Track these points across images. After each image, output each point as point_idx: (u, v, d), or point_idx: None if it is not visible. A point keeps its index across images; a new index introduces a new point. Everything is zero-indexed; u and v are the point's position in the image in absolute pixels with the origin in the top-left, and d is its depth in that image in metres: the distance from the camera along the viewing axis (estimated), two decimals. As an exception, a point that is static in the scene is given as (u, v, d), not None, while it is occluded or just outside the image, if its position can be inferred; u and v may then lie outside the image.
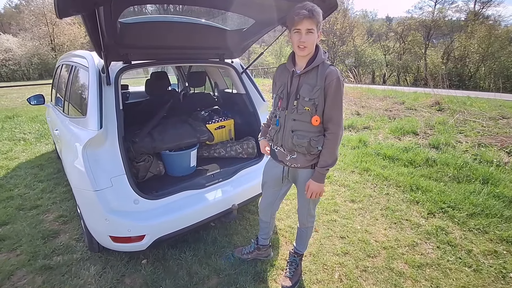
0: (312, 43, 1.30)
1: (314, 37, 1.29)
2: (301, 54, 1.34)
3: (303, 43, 1.29)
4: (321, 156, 1.42)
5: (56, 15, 1.09)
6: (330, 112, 1.36)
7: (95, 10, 1.24)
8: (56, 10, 1.07)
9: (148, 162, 1.97)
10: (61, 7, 1.06)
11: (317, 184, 1.45)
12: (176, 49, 2.09)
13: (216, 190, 2.04)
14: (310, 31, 1.28)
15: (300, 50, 1.31)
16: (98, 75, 1.77)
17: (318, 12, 1.27)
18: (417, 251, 2.10)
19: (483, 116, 4.87)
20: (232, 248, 2.14)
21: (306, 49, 1.31)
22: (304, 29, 1.27)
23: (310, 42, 1.29)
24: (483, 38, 19.46)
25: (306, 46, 1.29)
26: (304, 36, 1.28)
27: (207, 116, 2.74)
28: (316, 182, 1.44)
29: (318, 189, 1.46)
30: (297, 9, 1.26)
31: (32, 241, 2.25)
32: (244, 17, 2.00)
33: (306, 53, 1.33)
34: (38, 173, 3.59)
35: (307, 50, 1.32)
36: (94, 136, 1.60)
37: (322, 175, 1.44)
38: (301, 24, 1.26)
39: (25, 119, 6.33)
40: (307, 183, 1.48)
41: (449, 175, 3.15)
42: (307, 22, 1.25)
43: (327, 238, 2.27)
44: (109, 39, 1.59)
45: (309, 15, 1.24)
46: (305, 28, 1.27)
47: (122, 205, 1.69)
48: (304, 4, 1.26)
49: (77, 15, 1.20)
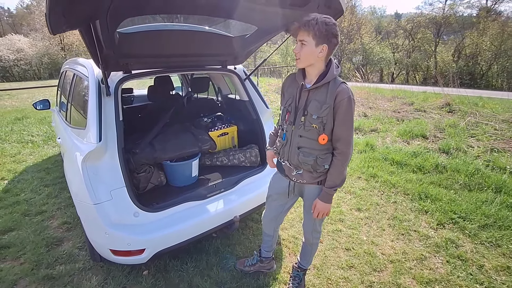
0: (306, 55, 1.24)
1: (308, 49, 1.23)
2: (297, 66, 1.31)
3: (296, 53, 1.25)
4: (328, 176, 1.37)
5: (49, 32, 1.06)
6: (339, 132, 1.30)
7: (90, 24, 1.20)
8: (48, 26, 1.04)
9: (149, 172, 1.95)
10: (53, 24, 1.03)
11: (324, 204, 1.40)
12: (178, 57, 2.06)
13: (218, 201, 2.00)
14: (303, 43, 1.22)
15: (296, 60, 1.27)
16: (97, 86, 1.75)
17: (318, 24, 1.17)
18: (425, 266, 2.02)
19: (496, 118, 4.70)
20: (234, 259, 2.11)
21: (299, 61, 1.27)
22: (298, 39, 1.23)
23: (303, 53, 1.24)
24: (495, 36, 18.75)
25: (299, 57, 1.25)
26: (297, 47, 1.24)
27: (210, 123, 2.70)
28: (323, 202, 1.39)
29: (325, 209, 1.41)
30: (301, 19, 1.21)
31: (36, 249, 2.26)
32: (246, 24, 1.95)
33: (301, 65, 1.29)
34: (44, 177, 3.62)
35: (301, 62, 1.27)
36: (93, 150, 1.58)
37: (329, 195, 1.38)
38: (297, 34, 1.23)
39: (33, 121, 6.43)
40: (313, 202, 1.44)
41: (460, 183, 3.04)
42: (301, 32, 1.21)
43: (332, 249, 2.21)
44: (108, 50, 1.56)
45: (301, 25, 1.19)
46: (299, 38, 1.23)
47: (122, 218, 1.67)
48: (309, 15, 1.20)
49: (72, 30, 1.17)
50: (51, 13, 0.98)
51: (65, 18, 1.04)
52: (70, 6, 0.98)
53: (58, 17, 1.02)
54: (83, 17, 1.08)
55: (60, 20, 1.03)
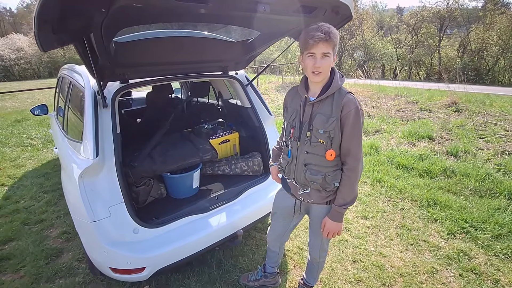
0: (327, 68, 1.16)
1: (330, 61, 1.15)
2: (315, 80, 1.20)
3: (317, 68, 1.14)
4: (338, 193, 1.29)
5: (40, 50, 0.98)
6: (348, 146, 1.22)
7: (83, 38, 1.12)
8: (38, 44, 0.95)
9: (149, 185, 1.87)
10: (43, 41, 0.94)
11: (334, 223, 1.32)
12: (177, 64, 1.97)
13: (221, 213, 1.93)
14: (326, 55, 1.13)
15: (314, 75, 1.17)
16: (94, 97, 1.67)
17: (335, 34, 1.11)
18: (437, 280, 1.94)
19: (505, 118, 4.58)
20: (237, 272, 2.04)
21: (321, 75, 1.16)
22: (319, 53, 1.12)
23: (325, 67, 1.14)
24: (503, 30, 18.12)
25: (321, 71, 1.15)
26: (319, 61, 1.13)
27: (210, 130, 2.61)
28: (334, 221, 1.32)
29: (336, 229, 1.33)
30: (311, 31, 1.10)
31: (36, 261, 2.21)
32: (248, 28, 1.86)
33: (321, 78, 1.18)
34: (43, 183, 3.57)
35: (322, 76, 1.17)
36: (90, 165, 1.51)
37: (340, 214, 1.31)
38: (316, 47, 1.11)
39: (33, 123, 6.38)
40: (323, 221, 1.36)
41: (470, 188, 2.95)
42: (323, 45, 1.10)
43: (339, 262, 2.13)
44: (103, 60, 1.48)
45: (325, 38, 1.08)
46: (321, 52, 1.12)
47: (121, 236, 1.61)
48: (319, 25, 1.11)
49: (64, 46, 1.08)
50: (40, 31, 0.90)
51: (55, 35, 0.95)
52: (60, 23, 0.90)
53: (48, 34, 0.94)
54: (75, 32, 1.00)
55: (50, 37, 0.95)
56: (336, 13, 1.45)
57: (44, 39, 0.93)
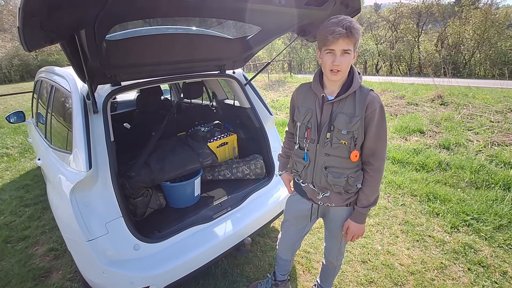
0: (347, 65, 1.07)
1: (350, 59, 1.06)
2: (333, 79, 1.11)
3: (336, 66, 1.05)
4: (361, 194, 1.22)
5: (24, 49, 0.83)
6: (374, 146, 1.15)
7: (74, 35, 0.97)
8: (22, 42, 0.81)
9: (147, 196, 1.73)
10: (28, 39, 0.80)
11: (358, 226, 1.26)
12: (172, 64, 1.83)
13: (226, 221, 1.81)
14: (347, 52, 1.04)
15: (332, 74, 1.08)
16: (83, 102, 1.50)
17: (357, 29, 1.02)
18: (447, 275, 1.93)
19: (489, 110, 4.73)
20: (245, 282, 1.94)
21: (340, 73, 1.08)
22: (339, 50, 1.03)
23: (345, 64, 1.06)
24: (478, 24, 18.79)
25: (340, 69, 1.06)
26: (338, 58, 1.04)
27: (207, 132, 2.48)
28: (357, 223, 1.25)
29: (359, 231, 1.27)
30: (331, 25, 1.01)
31: (22, 283, 2.02)
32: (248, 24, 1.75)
33: (340, 77, 1.10)
34: (23, 195, 3.30)
35: (341, 74, 1.09)
36: (82, 179, 1.35)
37: (363, 215, 1.25)
38: (336, 44, 1.02)
39: (7, 131, 5.93)
40: (345, 224, 1.29)
41: (466, 180, 3.00)
42: (344, 42, 1.01)
43: (348, 263, 2.08)
44: (94, 61, 1.32)
45: (346, 34, 0.99)
46: (341, 48, 1.03)
47: (121, 254, 1.46)
48: (340, 19, 1.01)
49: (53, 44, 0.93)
50: (25, 27, 0.75)
51: (44, 32, 0.81)
52: (50, 17, 0.75)
53: (35, 31, 0.79)
54: (66, 28, 0.85)
55: (38, 34, 0.80)
56: (346, 6, 1.38)
57: (29, 36, 0.79)
